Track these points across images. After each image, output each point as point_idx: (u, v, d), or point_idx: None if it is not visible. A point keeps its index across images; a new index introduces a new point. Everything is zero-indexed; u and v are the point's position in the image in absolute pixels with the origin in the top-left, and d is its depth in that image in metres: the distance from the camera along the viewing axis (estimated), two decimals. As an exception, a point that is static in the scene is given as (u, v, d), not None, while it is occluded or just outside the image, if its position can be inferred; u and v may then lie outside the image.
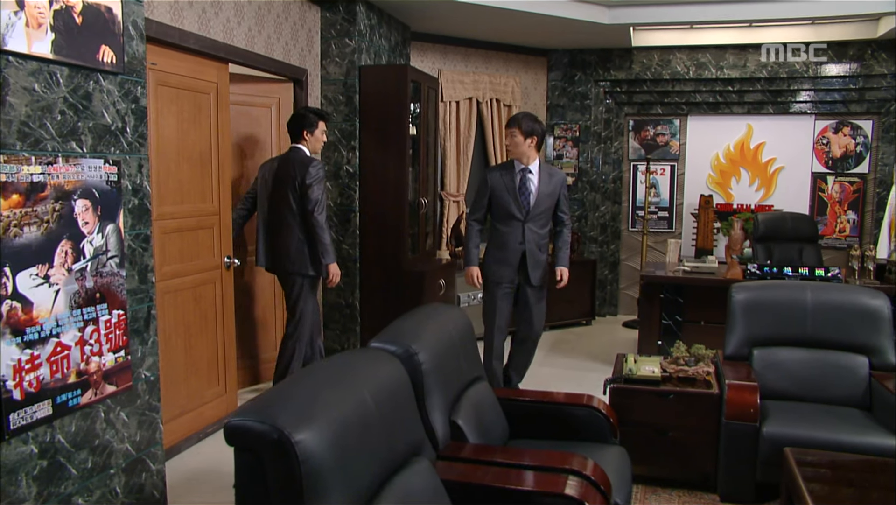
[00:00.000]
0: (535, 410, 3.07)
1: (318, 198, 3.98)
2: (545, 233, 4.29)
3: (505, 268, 4.23)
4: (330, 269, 4.07)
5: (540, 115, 7.14)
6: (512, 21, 5.81)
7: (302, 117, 4.14)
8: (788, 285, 3.82)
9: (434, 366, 2.54)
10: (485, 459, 2.42)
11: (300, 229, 4.03)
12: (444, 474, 2.26)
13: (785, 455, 2.70)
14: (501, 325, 4.29)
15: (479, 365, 3.04)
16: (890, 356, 3.53)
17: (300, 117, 4.15)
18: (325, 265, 4.06)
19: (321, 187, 4.02)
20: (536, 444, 2.93)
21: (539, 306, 4.33)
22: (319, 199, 3.99)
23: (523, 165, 4.23)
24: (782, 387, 3.55)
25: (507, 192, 4.21)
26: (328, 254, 4.05)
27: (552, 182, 4.25)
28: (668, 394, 3.36)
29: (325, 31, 5.13)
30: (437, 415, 2.52)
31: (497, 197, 4.24)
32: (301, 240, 4.04)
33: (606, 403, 3.06)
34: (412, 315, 2.83)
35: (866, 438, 3.06)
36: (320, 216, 3.98)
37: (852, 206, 6.87)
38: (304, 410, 1.76)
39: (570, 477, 2.26)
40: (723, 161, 7.11)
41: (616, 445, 2.94)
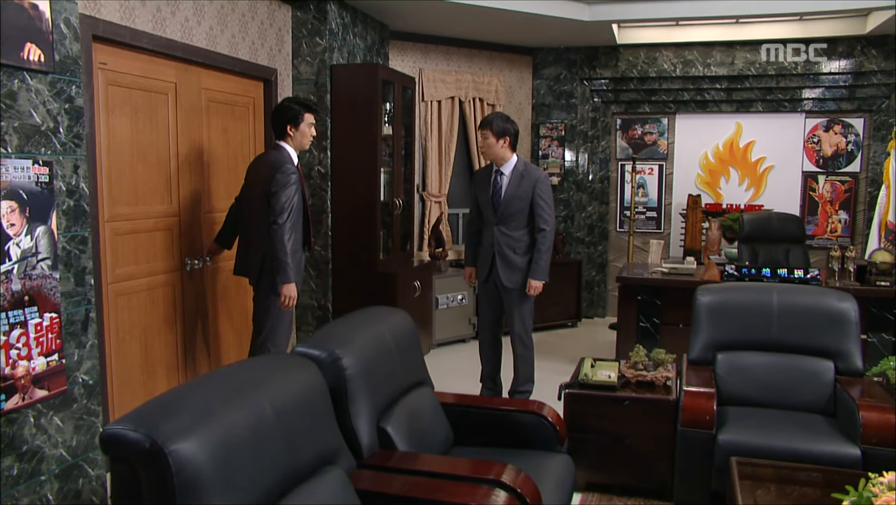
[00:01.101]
0: (481, 417, 2.99)
1: (283, 207, 3.58)
2: (520, 235, 4.20)
3: (482, 268, 4.33)
4: (283, 289, 3.61)
5: (525, 115, 7.07)
6: (491, 19, 5.74)
7: (285, 110, 3.77)
8: (754, 288, 3.71)
9: (361, 371, 2.48)
10: (407, 468, 2.35)
11: (266, 239, 3.67)
12: (361, 484, 2.20)
13: (730, 465, 2.61)
14: (483, 323, 4.46)
15: (422, 370, 2.97)
16: (856, 361, 3.42)
17: (283, 110, 3.77)
18: (279, 283, 3.62)
19: (287, 195, 3.60)
20: (479, 451, 2.85)
21: (516, 309, 4.27)
22: (284, 208, 3.58)
23: (497, 167, 4.22)
24: (745, 392, 3.45)
25: (483, 194, 4.26)
26: (282, 272, 3.59)
27: (523, 183, 4.15)
28: (623, 400, 3.27)
29: (296, 30, 5.08)
30: (363, 422, 2.45)
31: (478, 200, 4.33)
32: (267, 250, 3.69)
33: (555, 411, 2.97)
34: (346, 319, 2.77)
35: (825, 447, 2.96)
36: (280, 228, 3.56)
37: (844, 206, 6.73)
38: (189, 419, 1.70)
39: (492, 488, 2.19)
40: (712, 160, 6.99)
41: (561, 454, 2.86)
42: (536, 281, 4.19)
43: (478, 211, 4.36)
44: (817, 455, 2.92)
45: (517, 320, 4.28)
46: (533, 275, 4.18)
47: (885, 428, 2.92)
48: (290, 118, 3.74)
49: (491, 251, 4.23)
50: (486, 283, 4.32)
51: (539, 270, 4.18)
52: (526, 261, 4.19)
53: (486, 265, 4.27)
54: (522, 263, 4.19)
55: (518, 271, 4.20)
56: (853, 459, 2.90)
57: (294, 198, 3.65)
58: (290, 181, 3.62)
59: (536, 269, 4.18)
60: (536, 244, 4.17)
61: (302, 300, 5.26)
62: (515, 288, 4.21)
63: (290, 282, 3.62)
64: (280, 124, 3.76)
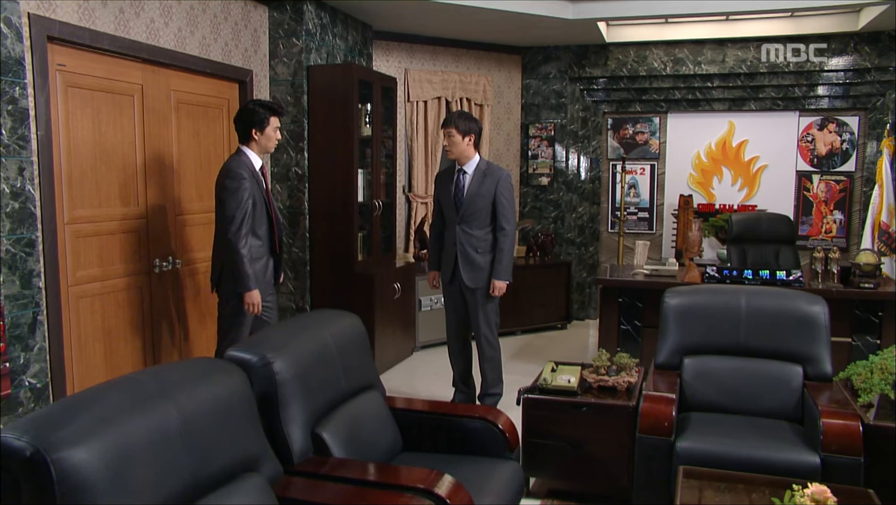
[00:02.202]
0: (431, 423, 2.94)
1: (232, 215, 3.49)
2: (482, 234, 4.16)
3: (446, 269, 4.27)
4: (244, 297, 3.57)
5: (514, 115, 7.01)
6: (474, 17, 5.68)
7: (249, 113, 3.68)
8: (722, 291, 3.63)
9: (295, 375, 2.44)
10: (338, 475, 2.30)
11: (223, 247, 3.63)
12: (285, 491, 2.16)
13: (676, 473, 2.54)
14: (449, 326, 4.39)
15: (369, 374, 2.92)
16: (825, 366, 3.33)
17: (246, 113, 3.69)
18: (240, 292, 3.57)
19: (237, 201, 3.50)
20: (427, 458, 2.80)
21: (481, 310, 4.20)
22: (234, 216, 3.49)
23: (460, 166, 4.18)
24: (711, 398, 3.37)
25: (446, 194, 4.22)
26: (240, 281, 3.53)
27: (486, 182, 4.11)
28: (580, 406, 3.21)
29: (272, 31, 5.05)
30: (296, 427, 2.41)
31: (440, 200, 4.30)
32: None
33: (506, 417, 2.91)
34: (287, 323, 2.74)
35: (784, 455, 2.87)
36: (234, 237, 3.49)
37: (839, 206, 6.59)
38: (84, 425, 1.67)
39: (420, 499, 2.13)
40: (704, 160, 6.88)
41: (510, 461, 2.80)
42: (500, 281, 4.13)
43: (440, 212, 4.31)
44: (775, 463, 2.84)
45: (482, 321, 4.21)
46: (496, 275, 4.13)
47: (845, 436, 2.83)
48: (256, 122, 3.66)
49: (454, 251, 4.17)
50: (451, 284, 4.26)
51: (502, 269, 4.13)
52: (488, 260, 4.14)
53: (450, 266, 4.22)
54: (485, 262, 4.14)
55: (481, 271, 4.14)
56: (812, 468, 2.82)
57: (246, 203, 3.53)
58: (239, 187, 3.53)
59: (499, 268, 4.13)
60: (498, 243, 4.12)
61: (280, 302, 5.23)
62: (479, 288, 4.16)
63: (248, 290, 3.56)
64: (244, 128, 3.69)
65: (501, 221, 4.12)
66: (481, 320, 4.23)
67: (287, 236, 5.17)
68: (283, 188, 5.14)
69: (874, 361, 3.07)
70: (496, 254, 4.13)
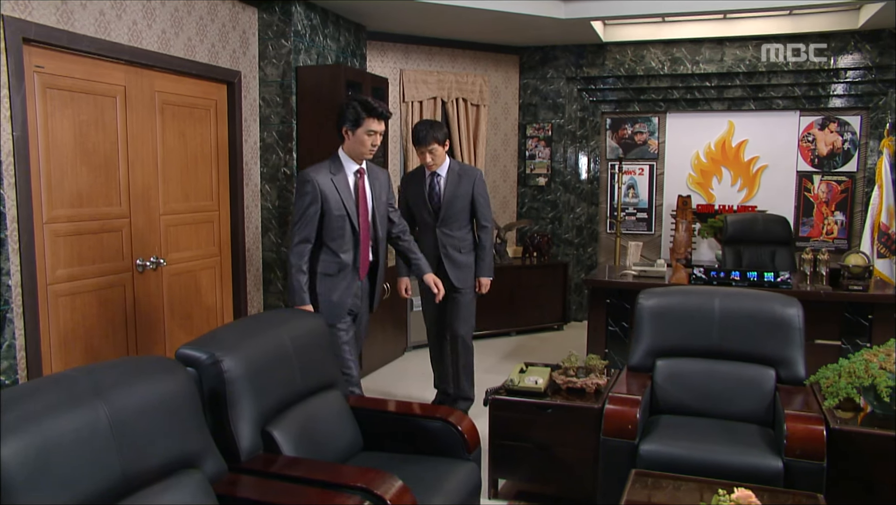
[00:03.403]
0: (392, 423, 2.95)
1: (294, 220, 3.42)
2: (462, 234, 4.22)
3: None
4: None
5: (512, 115, 7.00)
6: (466, 18, 5.68)
7: (342, 109, 3.39)
8: (697, 292, 3.59)
9: (245, 374, 2.46)
10: (283, 473, 2.31)
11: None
12: (227, 489, 2.18)
13: (629, 477, 2.52)
14: (431, 330, 4.40)
15: (329, 373, 2.94)
16: (798, 369, 3.28)
17: (340, 109, 3.42)
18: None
19: (298, 207, 3.38)
20: (385, 457, 2.81)
21: (465, 310, 4.23)
22: (295, 221, 3.41)
23: (431, 170, 4.19)
24: (683, 401, 3.34)
25: (419, 198, 4.22)
26: (289, 294, 3.46)
27: (462, 183, 4.16)
28: (546, 407, 3.19)
29: (262, 32, 5.09)
30: (245, 425, 2.43)
31: (412, 206, 4.28)
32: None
33: (467, 418, 2.91)
34: (243, 321, 2.77)
35: (747, 459, 2.84)
36: (293, 239, 3.43)
37: (840, 207, 6.49)
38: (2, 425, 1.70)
39: (359, 498, 2.14)
40: (703, 160, 6.81)
41: (468, 462, 2.79)
42: (487, 278, 4.24)
43: (410, 217, 4.26)
44: (737, 468, 2.80)
45: (464, 323, 4.22)
46: (482, 273, 4.23)
47: (809, 440, 2.79)
48: (348, 120, 3.37)
49: (435, 254, 4.17)
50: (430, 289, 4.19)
51: (486, 266, 4.24)
52: (472, 259, 4.20)
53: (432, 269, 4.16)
54: (469, 261, 4.20)
55: (467, 270, 4.20)
56: (774, 473, 2.78)
57: (307, 210, 3.35)
58: (300, 191, 3.38)
59: (483, 266, 4.22)
60: (480, 242, 4.21)
61: (268, 302, 5.27)
62: (465, 288, 4.20)
63: (293, 304, 3.43)
64: (337, 125, 3.44)
65: (481, 220, 4.20)
66: (463, 322, 4.24)
67: (276, 236, 5.21)
68: (272, 189, 5.18)
69: (843, 364, 3.02)
70: (479, 252, 4.21)
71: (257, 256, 5.22)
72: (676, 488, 2.43)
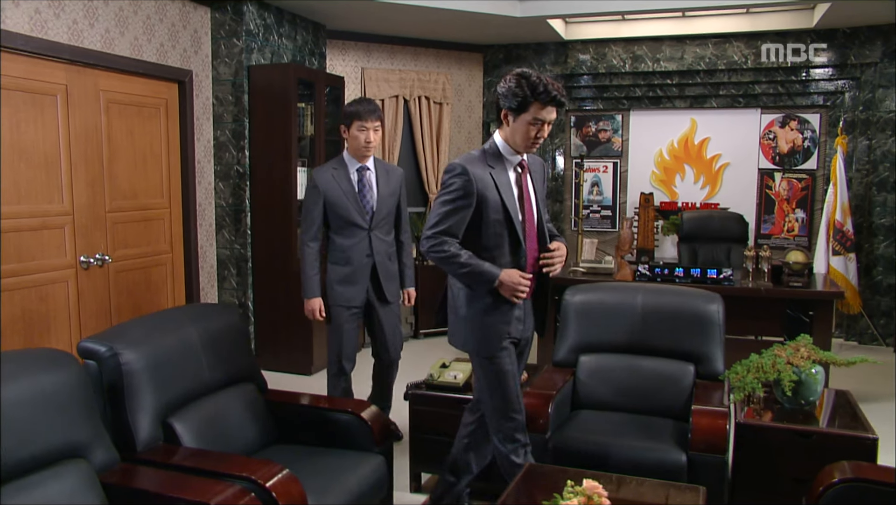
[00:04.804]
0: (306, 416, 3.00)
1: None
2: (391, 240, 3.75)
3: (352, 287, 3.61)
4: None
5: (476, 113, 7.03)
6: (424, 17, 5.71)
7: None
8: (621, 288, 3.63)
9: (146, 367, 2.51)
10: (174, 462, 2.37)
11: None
12: (109, 478, 2.23)
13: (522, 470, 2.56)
14: (350, 353, 3.68)
15: (246, 367, 2.98)
16: (717, 364, 3.31)
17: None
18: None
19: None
20: (295, 450, 2.86)
21: (397, 325, 3.81)
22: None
23: (360, 164, 3.64)
24: (604, 396, 3.37)
25: (346, 196, 3.56)
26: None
27: (391, 179, 3.72)
28: (464, 402, 3.23)
29: (214, 31, 5.14)
30: (143, 416, 2.48)
31: (333, 204, 3.56)
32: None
33: (376, 411, 2.95)
34: (152, 316, 2.82)
35: (654, 453, 2.86)
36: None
37: (801, 204, 6.51)
38: None
39: (239, 487, 2.19)
40: (666, 157, 6.84)
41: (376, 455, 2.84)
42: (413, 289, 3.88)
43: (323, 221, 3.61)
44: (642, 461, 2.84)
45: (397, 340, 3.81)
46: (410, 282, 3.84)
47: (712, 434, 2.83)
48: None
49: (369, 262, 3.61)
50: (360, 304, 3.65)
51: (412, 275, 3.86)
52: (395, 268, 3.76)
53: (362, 282, 3.62)
54: (396, 271, 3.76)
55: (396, 281, 3.77)
56: (678, 466, 2.81)
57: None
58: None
59: (411, 275, 3.84)
60: (405, 249, 3.80)
61: (223, 298, 5.33)
62: (396, 301, 3.75)
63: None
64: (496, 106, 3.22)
65: (404, 224, 3.81)
66: (397, 339, 3.81)
67: (229, 233, 5.26)
68: (225, 186, 5.23)
69: (753, 360, 3.06)
70: (406, 260, 3.80)
71: (211, 253, 5.28)
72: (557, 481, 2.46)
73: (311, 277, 3.61)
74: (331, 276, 3.66)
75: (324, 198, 3.57)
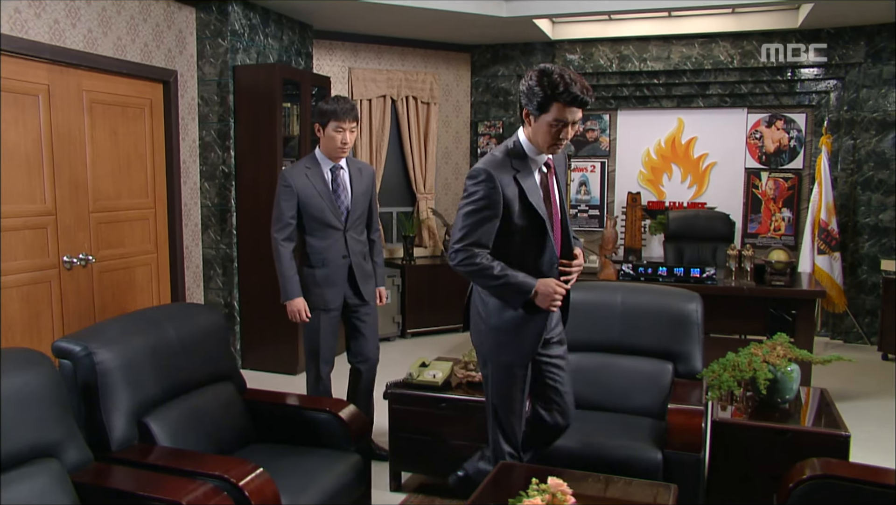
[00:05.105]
0: (284, 415, 3.01)
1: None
2: (365, 239, 3.67)
3: (330, 289, 3.53)
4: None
5: (464, 113, 7.04)
6: (412, 17, 5.72)
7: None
8: (601, 287, 3.64)
9: (121, 366, 2.52)
10: (146, 462, 2.37)
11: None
12: (84, 478, 2.23)
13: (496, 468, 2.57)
14: (328, 356, 3.60)
15: (224, 366, 2.99)
16: (696, 363, 3.33)
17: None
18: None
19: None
20: (273, 448, 2.87)
21: (375, 327, 3.71)
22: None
23: (333, 163, 3.54)
24: (583, 394, 3.36)
25: (320, 196, 3.47)
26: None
27: (363, 178, 3.63)
28: (440, 401, 3.24)
29: (199, 31, 5.14)
30: (118, 416, 2.49)
31: (307, 204, 3.47)
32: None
33: (354, 409, 2.96)
34: (130, 315, 2.82)
35: (630, 452, 2.86)
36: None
37: (787, 204, 6.54)
38: None
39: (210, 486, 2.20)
40: (654, 157, 6.85)
41: (353, 454, 2.85)
42: (385, 288, 3.79)
43: (298, 221, 3.51)
44: (619, 460, 2.85)
45: (376, 343, 3.70)
46: (382, 281, 3.76)
47: (687, 432, 2.85)
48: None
49: (346, 263, 3.54)
50: (337, 306, 3.57)
51: (383, 274, 3.80)
52: (371, 267, 3.70)
53: (340, 283, 3.56)
54: (371, 270, 3.70)
55: (373, 281, 3.69)
56: (654, 464, 2.83)
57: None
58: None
59: (382, 274, 3.77)
60: (376, 248, 3.75)
61: (209, 298, 5.33)
62: (373, 301, 3.67)
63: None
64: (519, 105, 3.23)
65: (375, 223, 3.76)
66: (375, 342, 3.71)
67: (215, 233, 5.26)
68: (211, 186, 5.23)
69: (730, 358, 3.07)
70: (377, 259, 3.75)
71: (197, 252, 5.28)
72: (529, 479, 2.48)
73: (291, 278, 3.48)
74: (307, 279, 3.55)
75: (298, 198, 3.48)
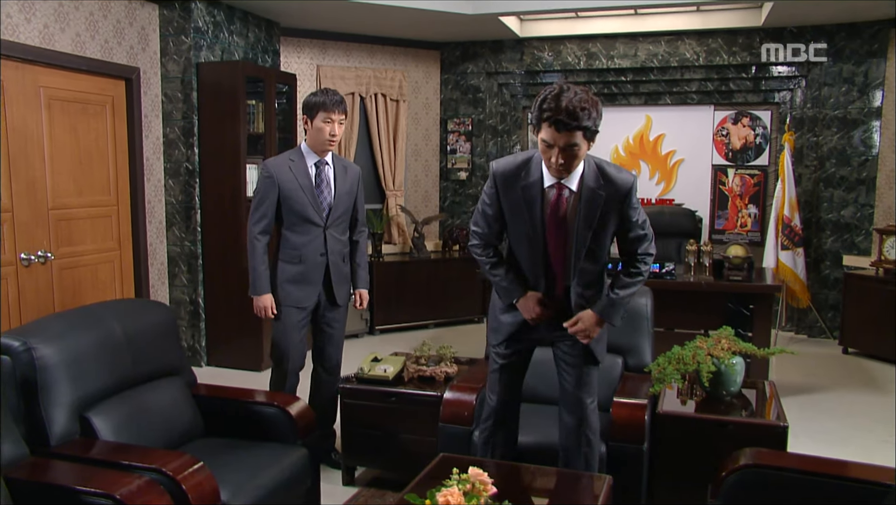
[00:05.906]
0: (234, 409, 3.01)
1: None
2: (346, 240, 3.58)
3: (304, 287, 3.44)
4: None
5: (433, 110, 7.06)
6: (378, 14, 5.73)
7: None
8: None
9: (62, 361, 2.52)
10: (84, 456, 2.38)
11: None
12: (17, 473, 2.24)
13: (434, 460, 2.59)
14: (297, 357, 3.51)
15: (173, 361, 2.99)
16: (645, 356, 3.38)
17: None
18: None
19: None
20: (221, 442, 2.88)
21: (342, 331, 3.64)
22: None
23: (319, 157, 3.45)
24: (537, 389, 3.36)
25: (303, 190, 3.37)
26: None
27: (348, 177, 3.55)
28: (391, 395, 3.27)
29: (163, 28, 5.12)
30: (58, 411, 2.49)
31: (288, 198, 3.37)
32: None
33: (302, 404, 2.98)
34: (74, 311, 2.82)
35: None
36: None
37: (753, 200, 6.60)
38: None
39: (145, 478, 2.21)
40: (622, 154, 6.90)
41: (298, 448, 2.86)
42: (366, 291, 3.69)
43: (275, 216, 3.41)
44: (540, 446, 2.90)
45: (340, 347, 3.64)
46: (363, 284, 3.66)
47: (630, 425, 2.89)
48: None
49: (323, 262, 3.43)
50: (307, 309, 3.48)
51: (365, 276, 3.68)
52: (349, 270, 3.61)
53: (314, 282, 3.45)
54: (349, 273, 3.61)
55: (348, 284, 3.61)
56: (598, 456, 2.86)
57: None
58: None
59: (365, 276, 3.66)
60: (360, 249, 3.65)
61: (174, 295, 5.32)
62: (345, 306, 3.60)
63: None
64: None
65: (361, 224, 3.67)
66: (339, 347, 3.65)
67: (179, 230, 5.26)
68: (175, 183, 5.22)
69: (675, 351, 3.11)
70: (360, 259, 3.64)
71: (161, 250, 5.27)
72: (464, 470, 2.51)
73: (262, 273, 3.39)
74: (281, 274, 3.43)
75: (279, 190, 3.37)
